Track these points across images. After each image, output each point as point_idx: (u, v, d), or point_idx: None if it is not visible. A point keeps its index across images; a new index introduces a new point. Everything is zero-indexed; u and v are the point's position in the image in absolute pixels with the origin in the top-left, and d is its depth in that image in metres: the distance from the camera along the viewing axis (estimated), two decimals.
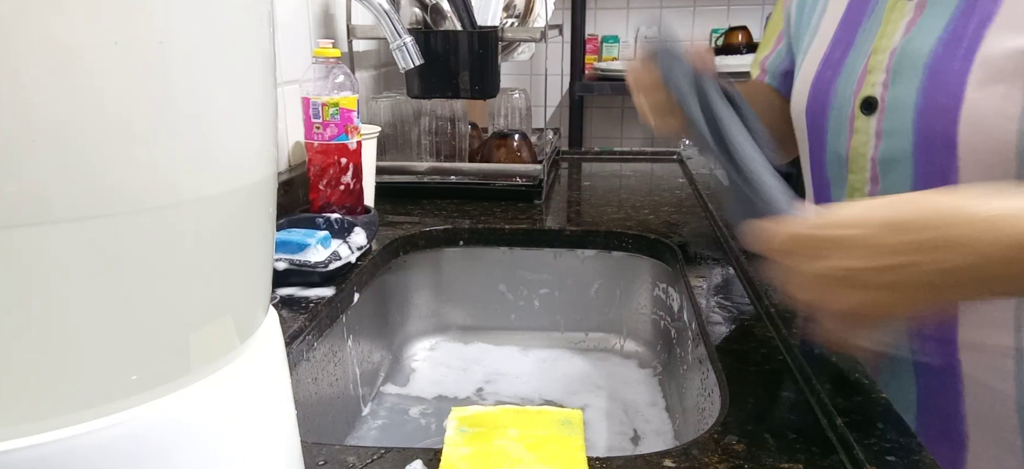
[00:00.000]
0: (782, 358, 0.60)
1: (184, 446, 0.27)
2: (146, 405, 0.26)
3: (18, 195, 0.21)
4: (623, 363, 0.94)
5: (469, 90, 1.11)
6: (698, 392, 0.68)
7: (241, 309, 0.30)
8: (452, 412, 0.51)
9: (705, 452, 0.46)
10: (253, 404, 0.30)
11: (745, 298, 0.73)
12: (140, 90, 0.23)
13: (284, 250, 0.74)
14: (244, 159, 0.29)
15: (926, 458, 0.44)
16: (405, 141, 1.20)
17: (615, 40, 2.39)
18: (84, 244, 0.23)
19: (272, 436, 0.32)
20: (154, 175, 0.24)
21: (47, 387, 0.24)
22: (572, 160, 1.49)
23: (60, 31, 0.21)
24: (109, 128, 0.23)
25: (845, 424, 0.47)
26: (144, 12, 0.23)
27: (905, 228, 0.41)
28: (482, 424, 0.50)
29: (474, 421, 0.50)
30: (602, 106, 2.50)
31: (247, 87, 0.28)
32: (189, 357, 0.27)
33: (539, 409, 0.53)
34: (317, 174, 0.88)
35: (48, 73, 0.21)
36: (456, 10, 1.11)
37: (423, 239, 0.97)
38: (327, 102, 0.85)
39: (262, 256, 0.32)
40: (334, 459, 0.46)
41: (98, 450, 0.24)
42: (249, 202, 0.29)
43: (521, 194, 1.11)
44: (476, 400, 0.85)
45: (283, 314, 0.66)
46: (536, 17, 1.37)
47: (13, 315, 0.22)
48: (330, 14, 1.17)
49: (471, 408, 0.52)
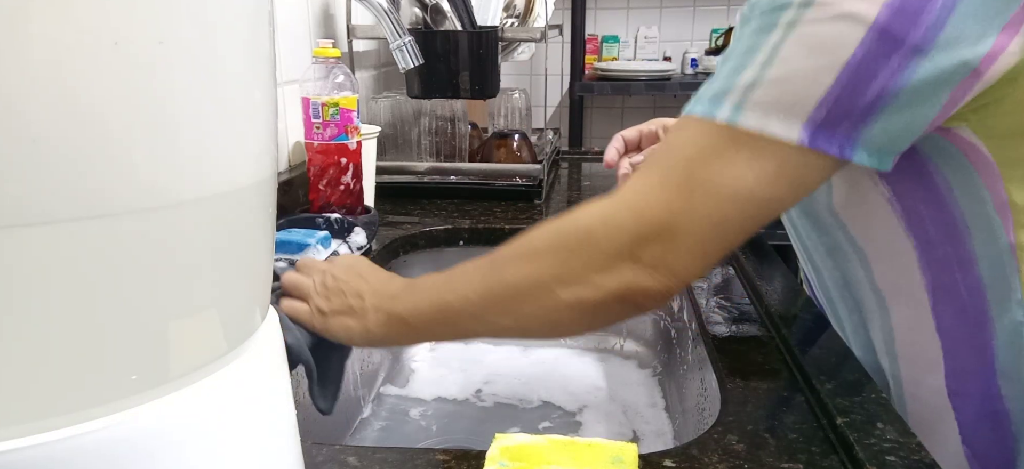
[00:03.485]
0: (782, 358, 0.59)
1: (184, 446, 0.27)
2: (146, 405, 0.25)
3: (18, 195, 0.21)
4: (623, 363, 0.94)
5: (469, 90, 1.11)
6: (698, 392, 0.68)
7: (241, 309, 0.30)
8: (496, 439, 0.47)
9: (705, 452, 0.46)
10: (253, 403, 0.30)
11: (745, 298, 0.73)
12: (139, 90, 0.23)
13: (284, 250, 0.74)
14: (244, 159, 0.29)
15: (926, 458, 0.44)
16: (405, 141, 1.20)
17: (615, 40, 2.38)
18: (84, 245, 0.23)
19: (272, 435, 0.32)
20: (154, 175, 0.24)
21: (42, 389, 0.24)
22: (572, 160, 1.49)
23: (60, 31, 0.21)
24: (108, 128, 0.23)
25: (845, 424, 0.47)
26: (144, 12, 0.23)
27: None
28: (526, 458, 0.45)
29: (518, 454, 0.46)
30: (602, 106, 2.50)
31: (247, 87, 0.28)
32: (190, 357, 0.27)
33: (589, 443, 0.47)
34: (317, 174, 0.88)
35: (47, 73, 0.21)
36: (456, 10, 1.11)
37: (423, 239, 0.97)
38: (327, 102, 0.85)
39: (262, 256, 0.32)
40: (334, 459, 0.46)
41: (99, 450, 0.24)
42: (249, 202, 0.29)
43: (521, 194, 1.11)
44: (475, 401, 0.85)
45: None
46: (536, 17, 1.37)
47: (13, 316, 0.22)
48: (330, 14, 1.17)
49: (516, 437, 0.47)
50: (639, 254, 0.44)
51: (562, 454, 0.45)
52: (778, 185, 0.44)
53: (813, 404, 0.52)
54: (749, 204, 0.44)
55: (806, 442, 0.48)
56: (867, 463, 0.44)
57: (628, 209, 0.45)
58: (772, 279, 0.76)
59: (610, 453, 0.45)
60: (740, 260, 0.80)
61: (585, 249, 0.46)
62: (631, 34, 2.41)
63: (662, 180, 0.45)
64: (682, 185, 0.44)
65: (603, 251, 0.45)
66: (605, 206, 0.46)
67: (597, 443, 0.47)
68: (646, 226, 0.44)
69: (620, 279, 0.45)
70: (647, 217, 0.44)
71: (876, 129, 0.42)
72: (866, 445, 0.45)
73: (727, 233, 0.44)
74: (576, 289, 0.46)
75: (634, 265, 0.44)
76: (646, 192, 0.45)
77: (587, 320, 0.48)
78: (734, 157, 0.43)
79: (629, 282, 0.45)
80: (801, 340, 0.61)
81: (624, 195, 0.46)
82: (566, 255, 0.46)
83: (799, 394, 0.54)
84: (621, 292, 0.45)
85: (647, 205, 0.45)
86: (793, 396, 0.54)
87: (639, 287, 0.45)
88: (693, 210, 0.43)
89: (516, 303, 0.48)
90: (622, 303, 0.46)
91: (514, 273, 0.48)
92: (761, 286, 0.73)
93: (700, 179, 0.44)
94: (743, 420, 0.50)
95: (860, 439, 0.46)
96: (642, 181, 0.46)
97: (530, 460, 0.45)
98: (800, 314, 0.67)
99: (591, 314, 0.47)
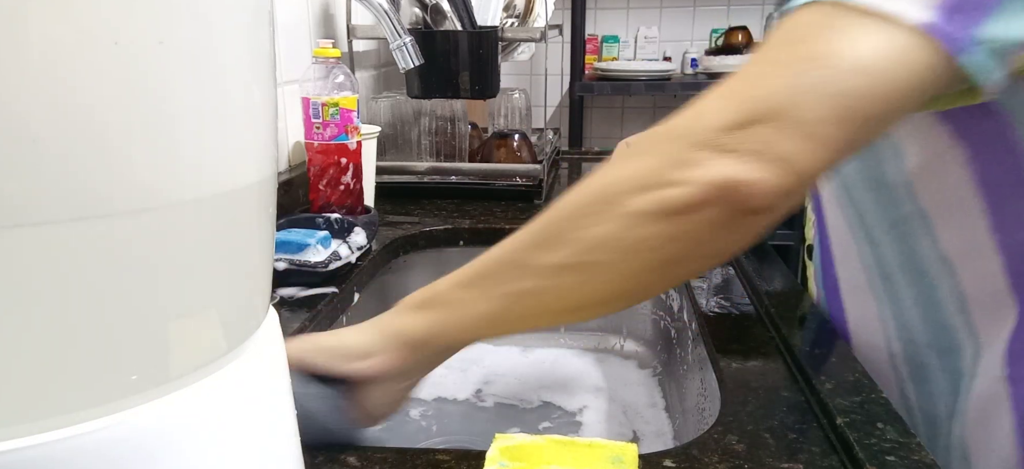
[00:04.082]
0: (782, 358, 0.60)
1: (184, 446, 0.27)
2: (146, 405, 0.26)
3: (17, 195, 0.21)
4: (623, 363, 0.94)
5: (469, 90, 1.11)
6: (698, 392, 0.68)
7: (241, 309, 0.30)
8: (496, 440, 0.46)
9: (705, 452, 0.46)
10: (253, 403, 0.30)
11: (745, 298, 0.73)
12: (139, 90, 0.23)
13: (284, 250, 0.74)
14: (244, 159, 0.29)
15: (926, 458, 0.44)
16: (405, 141, 1.20)
17: (615, 40, 2.39)
18: (83, 245, 0.23)
19: (272, 435, 0.32)
20: (153, 175, 0.24)
21: (42, 389, 0.24)
22: (572, 160, 1.49)
23: (60, 31, 0.21)
24: (108, 128, 0.23)
25: (845, 424, 0.47)
26: (144, 12, 0.23)
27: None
28: (525, 458, 0.44)
29: (518, 454, 0.45)
30: (602, 106, 2.50)
31: (247, 87, 0.28)
32: (190, 357, 0.27)
33: (590, 443, 0.45)
34: (317, 174, 0.88)
35: (47, 72, 0.21)
36: (456, 10, 1.11)
37: (423, 239, 0.97)
38: (327, 102, 0.85)
39: (262, 256, 0.32)
40: (334, 459, 0.46)
41: (99, 450, 0.24)
42: (249, 202, 0.29)
43: (521, 194, 1.11)
44: (475, 401, 0.85)
45: (283, 314, 0.66)
46: (536, 17, 1.37)
47: (12, 316, 0.22)
48: (330, 14, 1.17)
49: (516, 437, 0.46)
50: (740, 140, 0.36)
51: (562, 454, 0.45)
52: (899, 68, 0.37)
53: (813, 404, 0.52)
54: (872, 77, 0.37)
55: (806, 442, 0.48)
56: (867, 463, 0.44)
57: (722, 96, 0.38)
58: (772, 279, 0.76)
59: (610, 453, 0.45)
60: (740, 260, 0.80)
61: (665, 145, 0.37)
62: (631, 34, 2.41)
63: (766, 58, 0.39)
64: (792, 61, 0.37)
65: (691, 141, 0.37)
66: (692, 105, 0.38)
67: (597, 443, 0.46)
68: (748, 107, 0.36)
69: (716, 171, 0.36)
70: (749, 97, 0.37)
71: (998, 25, 0.38)
72: (866, 445, 0.45)
73: (849, 111, 0.37)
74: (656, 193, 0.36)
75: (733, 154, 0.36)
76: (744, 75, 0.38)
77: (671, 241, 0.37)
78: (853, 29, 0.37)
79: (727, 175, 0.35)
80: (801, 340, 0.61)
81: (715, 88, 0.38)
82: (639, 157, 0.38)
83: (799, 394, 0.54)
84: (717, 188, 0.36)
85: (748, 85, 0.38)
86: (793, 396, 0.54)
87: (741, 180, 0.35)
88: (807, 82, 0.36)
89: (574, 226, 0.38)
90: (719, 207, 0.36)
91: (571, 197, 0.39)
92: (761, 286, 0.73)
93: (814, 52, 0.37)
94: (743, 420, 0.50)
95: (860, 439, 0.46)
96: (739, 72, 0.39)
97: (530, 460, 0.44)
98: (800, 314, 0.67)
99: (677, 227, 0.37)
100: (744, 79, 0.38)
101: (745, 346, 0.62)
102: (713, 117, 0.37)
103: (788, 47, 0.38)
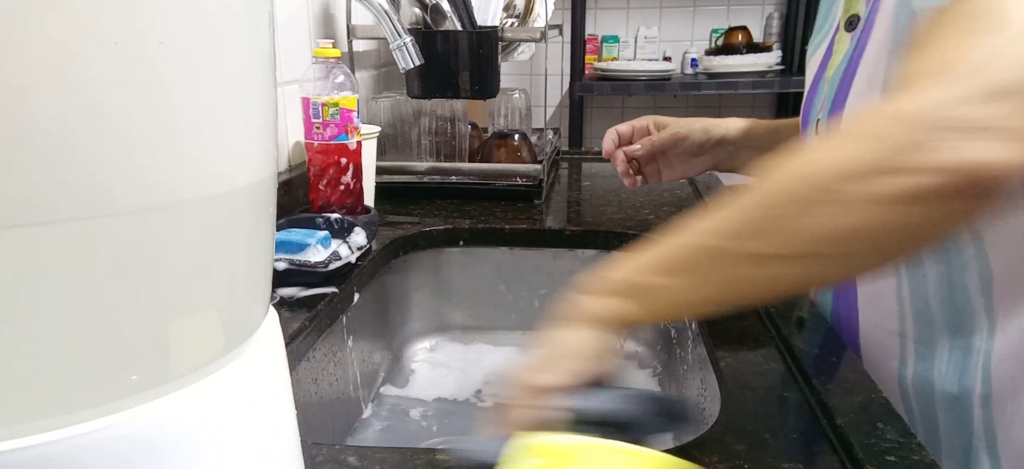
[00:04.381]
0: (782, 358, 0.60)
1: (184, 446, 0.27)
2: (146, 405, 0.26)
3: (18, 195, 0.21)
4: (623, 363, 0.94)
5: (469, 90, 1.11)
6: (698, 392, 0.68)
7: (241, 308, 0.30)
8: (520, 442, 0.38)
9: (705, 452, 0.46)
10: (253, 403, 0.30)
11: None
12: (140, 90, 0.23)
13: (284, 250, 0.74)
14: (244, 159, 0.29)
15: (926, 458, 0.44)
16: (405, 141, 1.20)
17: (615, 40, 2.39)
18: (84, 244, 0.23)
19: (272, 435, 0.32)
20: (154, 175, 0.24)
21: (42, 389, 0.24)
22: (572, 160, 1.49)
23: (60, 31, 0.21)
24: (109, 128, 0.23)
25: (845, 424, 0.47)
26: (144, 12, 0.23)
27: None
28: (564, 458, 0.37)
29: (552, 452, 0.37)
30: (602, 106, 2.50)
31: (247, 87, 0.28)
32: (190, 357, 0.27)
33: (639, 453, 0.37)
34: (317, 174, 0.88)
35: (48, 73, 0.21)
36: (456, 10, 1.11)
37: (423, 239, 0.97)
38: (327, 102, 0.85)
39: (262, 256, 0.32)
40: (334, 459, 0.46)
41: (99, 450, 0.24)
42: (249, 202, 0.29)
43: (521, 194, 1.11)
44: (475, 401, 0.85)
45: (283, 314, 0.66)
46: (536, 17, 1.37)
47: (13, 315, 0.22)
48: (330, 14, 1.17)
49: (549, 438, 0.38)
50: (989, 117, 0.33)
51: (603, 461, 0.37)
52: None
53: (813, 404, 0.52)
54: None
55: (806, 442, 0.48)
56: (867, 463, 0.44)
57: (958, 76, 0.35)
58: None
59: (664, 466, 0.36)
60: None
61: (890, 126, 0.35)
62: (631, 34, 2.41)
63: (970, 34, 0.36)
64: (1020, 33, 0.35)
65: (927, 123, 0.34)
66: (899, 90, 0.36)
67: (650, 455, 0.37)
68: (995, 81, 0.34)
69: (967, 153, 0.33)
70: (992, 70, 0.34)
71: None
72: (866, 445, 0.45)
73: None
74: (889, 179, 0.34)
75: (986, 134, 0.33)
76: (954, 55, 0.36)
77: (903, 228, 0.35)
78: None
79: (979, 158, 0.33)
80: (801, 340, 0.61)
81: (912, 69, 0.36)
82: (854, 142, 0.35)
83: (799, 394, 0.54)
84: (968, 171, 0.33)
85: (971, 64, 0.35)
86: (793, 396, 0.54)
87: (992, 162, 0.33)
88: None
89: (785, 213, 0.36)
90: (969, 190, 0.34)
91: (774, 183, 0.36)
92: None
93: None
94: (743, 420, 0.50)
95: (860, 439, 0.46)
96: (933, 53, 0.36)
97: (568, 460, 0.37)
98: (800, 314, 0.67)
99: (910, 215, 0.34)
100: (956, 59, 0.36)
101: (745, 346, 0.62)
102: (945, 96, 0.34)
103: (997, 19, 0.36)
